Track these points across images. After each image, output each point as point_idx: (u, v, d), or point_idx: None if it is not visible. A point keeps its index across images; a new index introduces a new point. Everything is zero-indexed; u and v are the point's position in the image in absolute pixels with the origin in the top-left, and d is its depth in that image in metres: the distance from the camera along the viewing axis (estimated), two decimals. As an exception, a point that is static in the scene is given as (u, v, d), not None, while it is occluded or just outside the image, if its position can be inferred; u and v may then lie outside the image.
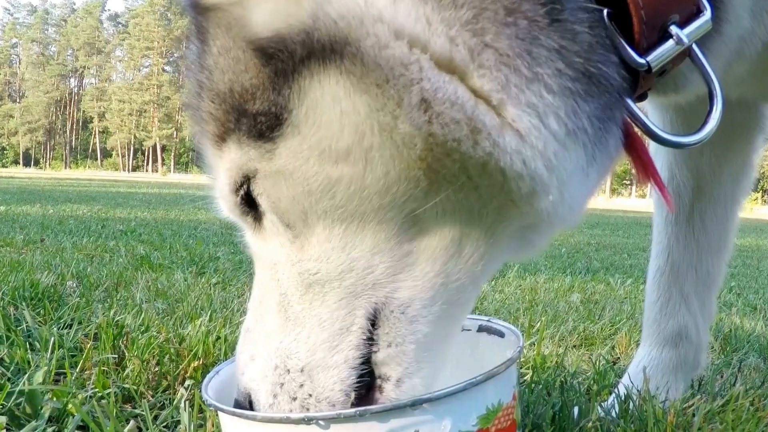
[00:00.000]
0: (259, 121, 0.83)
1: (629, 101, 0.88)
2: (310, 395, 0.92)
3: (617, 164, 0.94)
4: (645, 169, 0.96)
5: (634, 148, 0.92)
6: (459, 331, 1.01)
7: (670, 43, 0.88)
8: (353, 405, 0.91)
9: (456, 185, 0.82)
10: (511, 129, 0.78)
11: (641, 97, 0.95)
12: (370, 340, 0.90)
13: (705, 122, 0.92)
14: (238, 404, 0.99)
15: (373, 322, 0.90)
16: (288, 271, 0.92)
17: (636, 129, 0.92)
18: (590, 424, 1.46)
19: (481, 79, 0.78)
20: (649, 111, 1.54)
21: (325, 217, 0.86)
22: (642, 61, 0.86)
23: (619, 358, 2.50)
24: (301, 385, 0.92)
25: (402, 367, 0.91)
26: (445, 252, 0.88)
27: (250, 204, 0.92)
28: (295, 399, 0.92)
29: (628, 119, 0.89)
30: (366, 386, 0.92)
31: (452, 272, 0.90)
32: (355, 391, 0.91)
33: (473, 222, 0.87)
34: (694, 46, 0.90)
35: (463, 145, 0.78)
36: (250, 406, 0.97)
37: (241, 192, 0.90)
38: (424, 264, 0.88)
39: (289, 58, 0.80)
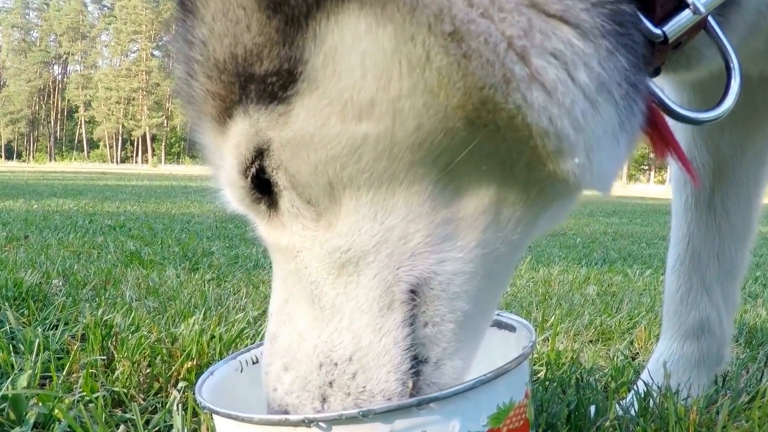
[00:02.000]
0: (270, 82, 0.80)
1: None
2: (364, 388, 0.88)
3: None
4: (666, 142, 0.94)
5: (653, 121, 0.91)
6: (495, 308, 0.99)
7: (687, 12, 0.87)
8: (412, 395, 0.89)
9: (488, 135, 0.80)
10: (538, 82, 0.76)
11: (654, 73, 0.94)
12: (414, 318, 0.88)
13: (723, 97, 0.92)
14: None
15: (415, 296, 0.87)
16: (316, 255, 0.89)
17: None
18: (608, 423, 1.46)
19: (502, 24, 0.75)
20: (664, 88, 1.53)
21: (351, 185, 0.83)
22: (658, 31, 0.85)
23: (638, 353, 2.50)
24: (354, 376, 0.89)
25: (440, 347, 0.89)
26: (484, 218, 0.86)
27: (261, 187, 0.89)
28: (349, 395, 0.89)
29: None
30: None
31: (491, 241, 0.88)
32: (412, 378, 0.88)
33: (507, 182, 0.85)
34: (710, 18, 0.90)
35: (498, 95, 0.76)
36: None
37: (252, 170, 0.86)
38: (465, 232, 0.86)
39: (302, 1, 0.77)
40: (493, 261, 0.89)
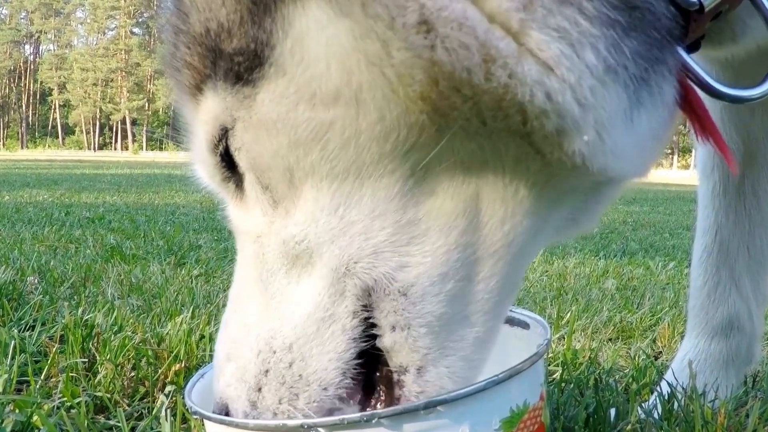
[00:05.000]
0: (237, 62, 0.83)
1: (679, 48, 0.86)
2: (300, 376, 0.90)
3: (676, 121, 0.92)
4: (703, 125, 0.94)
5: (688, 101, 0.91)
6: (500, 313, 0.97)
7: None
8: (360, 397, 0.91)
9: (468, 131, 0.80)
10: (533, 57, 0.76)
11: (693, 47, 0.93)
12: (366, 309, 0.88)
13: None
14: None
15: (369, 293, 0.88)
16: (272, 243, 0.91)
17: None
18: (629, 426, 1.46)
19: None
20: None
21: (314, 174, 0.84)
22: None
23: (661, 351, 2.50)
24: (290, 365, 0.90)
25: (419, 354, 0.89)
26: (461, 220, 0.86)
27: (231, 166, 0.91)
28: (283, 384, 0.90)
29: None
30: (383, 383, 0.93)
31: (470, 244, 0.87)
32: (354, 370, 0.90)
33: (489, 180, 0.85)
34: None
35: (475, 77, 0.75)
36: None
37: (220, 149, 0.90)
38: (437, 236, 0.86)
39: None
40: (473, 263, 0.89)
